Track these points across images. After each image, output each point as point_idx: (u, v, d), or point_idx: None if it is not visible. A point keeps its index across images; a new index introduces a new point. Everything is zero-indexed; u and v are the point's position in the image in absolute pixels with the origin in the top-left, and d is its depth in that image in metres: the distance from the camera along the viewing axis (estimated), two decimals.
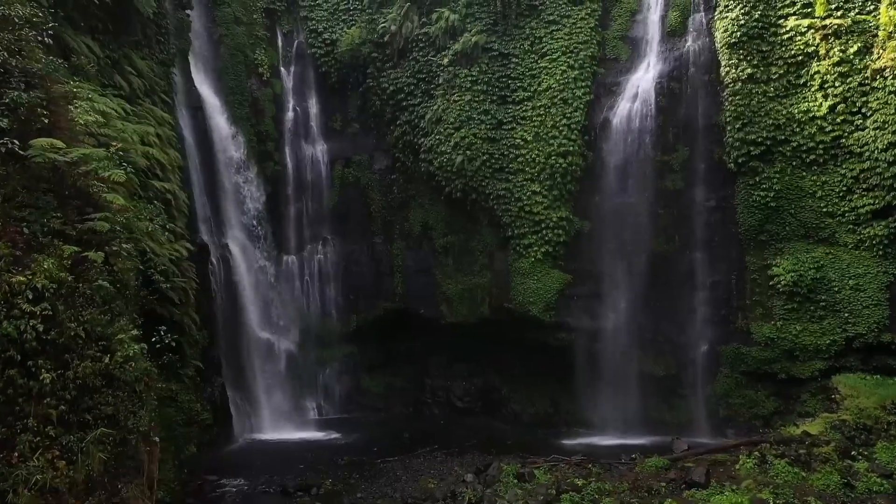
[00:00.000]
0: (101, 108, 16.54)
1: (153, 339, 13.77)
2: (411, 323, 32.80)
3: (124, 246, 11.91)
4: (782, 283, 26.21)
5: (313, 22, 33.72)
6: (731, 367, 27.53)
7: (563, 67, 29.54)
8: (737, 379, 27.47)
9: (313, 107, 34.30)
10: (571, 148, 28.96)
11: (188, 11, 29.09)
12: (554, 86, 29.47)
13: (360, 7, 33.34)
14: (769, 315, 26.81)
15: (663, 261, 28.37)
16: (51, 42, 18.31)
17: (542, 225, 29.08)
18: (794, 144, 26.24)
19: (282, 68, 33.86)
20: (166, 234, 21.49)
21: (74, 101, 13.24)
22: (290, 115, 33.80)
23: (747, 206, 27.02)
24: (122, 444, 10.58)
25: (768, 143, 26.48)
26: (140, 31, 23.81)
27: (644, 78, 28.90)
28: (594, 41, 29.75)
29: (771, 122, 26.44)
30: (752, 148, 26.69)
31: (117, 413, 10.62)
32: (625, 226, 28.47)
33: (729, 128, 27.08)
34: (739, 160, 26.96)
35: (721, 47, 27.35)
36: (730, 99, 27.04)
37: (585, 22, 29.87)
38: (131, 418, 10.77)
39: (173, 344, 13.40)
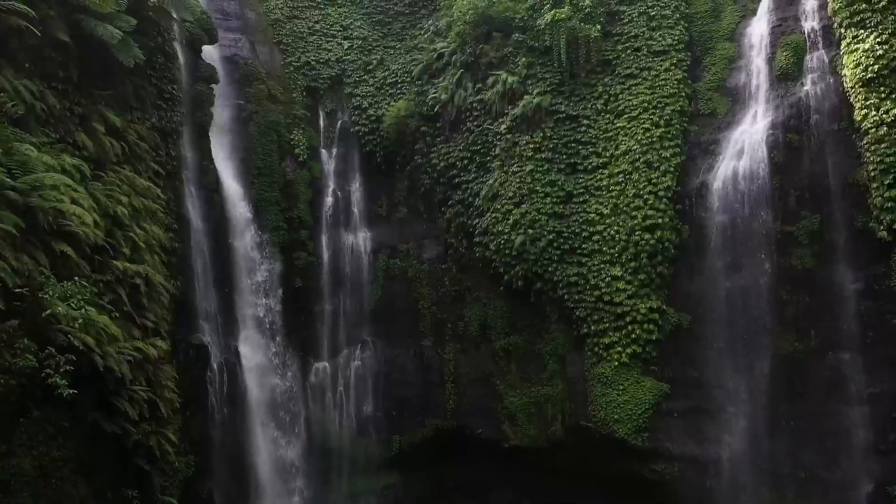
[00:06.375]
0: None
1: None
2: (467, 446, 27.07)
3: None
4: None
5: (358, 98, 30.33)
6: None
7: (645, 126, 24.91)
8: None
9: (356, 191, 30.23)
10: (660, 220, 23.79)
11: (212, 85, 26.05)
12: (635, 147, 24.64)
13: (408, 80, 30.03)
14: None
15: (796, 364, 22.26)
16: None
17: (627, 318, 23.78)
18: None
19: (322, 150, 30.21)
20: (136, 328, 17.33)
21: None
22: (329, 199, 29.77)
23: None
24: None
25: None
26: (131, 92, 20.61)
27: (750, 131, 23.81)
28: (683, 94, 25.40)
29: None
30: None
31: None
32: (738, 318, 23.11)
33: (875, 185, 21.07)
34: (895, 226, 20.24)
35: (853, 87, 21.73)
36: (872, 149, 21.14)
37: (671, 73, 25.58)
38: None
39: None
